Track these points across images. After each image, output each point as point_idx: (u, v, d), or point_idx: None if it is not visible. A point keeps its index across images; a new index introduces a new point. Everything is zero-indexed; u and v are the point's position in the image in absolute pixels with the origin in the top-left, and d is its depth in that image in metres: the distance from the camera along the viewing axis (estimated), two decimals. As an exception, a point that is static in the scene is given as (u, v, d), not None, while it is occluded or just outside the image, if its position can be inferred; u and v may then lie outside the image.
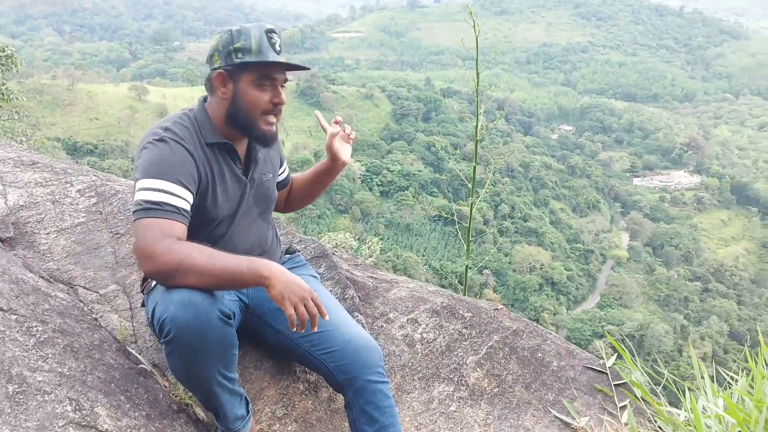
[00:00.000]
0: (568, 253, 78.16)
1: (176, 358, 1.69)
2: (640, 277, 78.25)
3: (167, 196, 1.73)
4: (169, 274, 1.62)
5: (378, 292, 2.65)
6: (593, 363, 2.64)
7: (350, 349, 1.96)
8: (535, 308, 67.68)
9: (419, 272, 60.42)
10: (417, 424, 2.27)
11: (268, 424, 2.11)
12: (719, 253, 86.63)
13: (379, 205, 76.61)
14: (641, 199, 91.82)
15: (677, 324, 69.84)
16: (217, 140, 1.92)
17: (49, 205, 2.60)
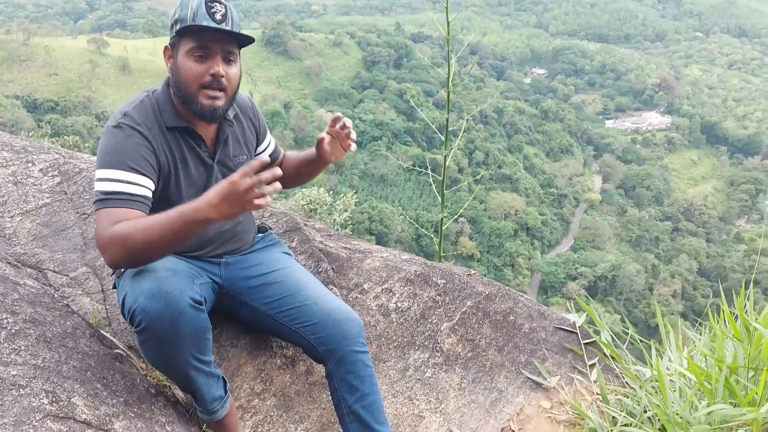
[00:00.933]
0: (542, 198, 79.06)
1: (149, 346, 1.70)
2: (612, 219, 79.67)
3: (122, 185, 1.72)
4: (125, 258, 1.62)
5: (352, 262, 2.66)
6: (564, 323, 2.71)
7: (330, 321, 1.99)
8: (510, 254, 68.81)
9: (395, 223, 60.68)
10: (394, 391, 2.33)
11: (247, 400, 2.15)
12: (689, 193, 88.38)
13: (352, 156, 76.05)
14: (613, 141, 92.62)
15: (648, 263, 71.66)
16: (176, 124, 1.87)
17: (12, 187, 2.54)
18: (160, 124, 1.85)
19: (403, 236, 61.05)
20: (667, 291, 68.21)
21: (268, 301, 2.06)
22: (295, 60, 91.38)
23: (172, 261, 1.83)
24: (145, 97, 1.88)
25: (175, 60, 1.85)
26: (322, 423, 2.18)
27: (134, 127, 1.79)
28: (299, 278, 2.11)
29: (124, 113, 1.81)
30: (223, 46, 1.84)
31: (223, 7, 1.86)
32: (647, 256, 73.36)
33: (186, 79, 1.83)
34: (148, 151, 1.79)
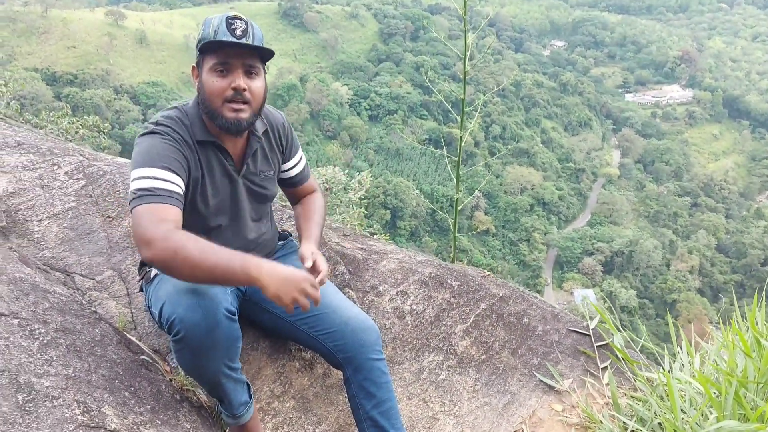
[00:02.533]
0: (559, 172, 78.42)
1: (184, 354, 1.78)
2: (630, 194, 78.96)
3: (157, 181, 1.78)
4: (166, 263, 1.66)
5: (368, 264, 2.71)
6: (577, 326, 2.75)
7: (348, 329, 2.06)
8: (526, 229, 68.59)
9: (410, 197, 60.63)
10: (408, 393, 2.40)
11: (267, 402, 2.23)
12: (709, 168, 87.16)
13: (367, 130, 75.90)
14: (633, 115, 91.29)
15: (666, 239, 71.10)
16: (205, 138, 1.93)
17: (39, 191, 2.61)
18: (191, 136, 1.91)
19: (418, 210, 61.08)
20: (684, 267, 67.81)
21: (288, 308, 2.12)
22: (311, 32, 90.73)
23: None
24: (175, 110, 1.95)
25: (200, 77, 1.91)
26: (339, 425, 2.26)
27: (167, 133, 1.87)
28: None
29: (156, 122, 1.89)
30: (243, 60, 1.89)
31: (243, 23, 1.89)
32: (665, 232, 72.76)
33: (210, 95, 1.89)
34: (181, 155, 1.86)
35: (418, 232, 64.85)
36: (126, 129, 64.29)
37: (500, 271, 63.82)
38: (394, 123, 74.84)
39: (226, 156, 2.00)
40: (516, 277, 63.94)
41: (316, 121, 75.45)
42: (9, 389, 1.64)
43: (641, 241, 66.69)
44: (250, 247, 2.14)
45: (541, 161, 76.79)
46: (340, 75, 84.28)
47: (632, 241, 66.87)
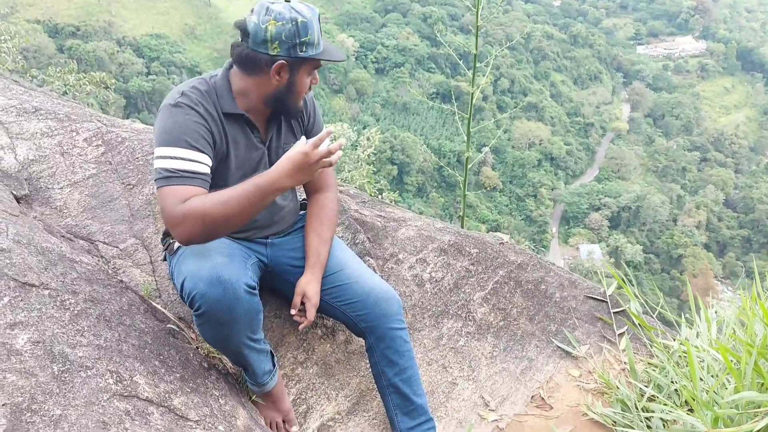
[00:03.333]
0: (567, 127, 77.68)
1: (207, 328, 1.82)
2: (639, 148, 78.33)
3: (183, 162, 1.78)
4: (200, 235, 1.71)
5: (387, 232, 2.73)
6: (594, 292, 2.77)
7: (370, 300, 2.09)
8: (534, 184, 68.41)
9: (417, 153, 60.36)
10: (428, 359, 2.44)
11: (291, 369, 2.28)
12: (720, 122, 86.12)
13: (374, 83, 75.02)
14: (644, 68, 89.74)
15: (674, 194, 70.85)
16: (232, 111, 1.93)
17: (59, 158, 2.61)
18: (217, 109, 1.90)
19: (425, 166, 60.91)
20: (691, 222, 67.79)
21: (311, 279, 2.15)
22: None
23: (226, 244, 1.92)
24: (202, 80, 1.94)
25: (293, 76, 1.90)
26: (361, 390, 2.31)
27: (192, 107, 1.85)
28: (340, 258, 2.19)
29: (182, 93, 1.87)
30: None
31: None
32: (673, 187, 72.48)
33: (299, 94, 1.96)
34: (206, 130, 1.85)
35: (425, 187, 64.80)
36: (130, 83, 63.80)
37: (507, 227, 63.98)
38: (401, 76, 73.92)
39: (252, 128, 2.00)
40: (522, 233, 64.14)
41: (322, 75, 74.22)
42: (45, 360, 1.68)
43: (648, 197, 66.51)
44: (273, 218, 2.15)
45: (550, 115, 75.98)
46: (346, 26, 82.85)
47: (639, 197, 66.71)
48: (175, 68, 70.68)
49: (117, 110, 50.28)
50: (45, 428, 1.52)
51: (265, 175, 1.71)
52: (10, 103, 2.79)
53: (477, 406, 2.36)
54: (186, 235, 1.70)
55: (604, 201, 67.86)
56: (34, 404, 1.55)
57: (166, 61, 70.67)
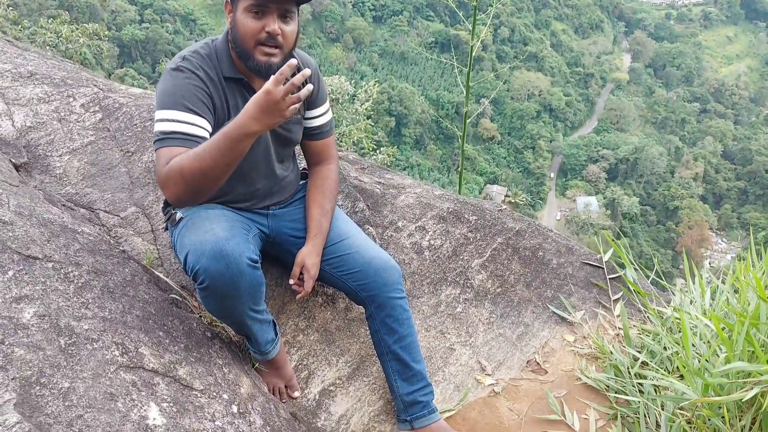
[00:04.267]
0: (567, 77, 76.78)
1: (210, 301, 1.85)
2: (639, 99, 77.68)
3: (180, 125, 1.79)
4: (185, 193, 1.73)
5: (386, 199, 2.74)
6: (590, 258, 2.80)
7: (371, 269, 2.12)
8: (532, 136, 68.07)
9: (415, 104, 59.74)
10: (427, 326, 2.49)
11: (293, 336, 2.32)
12: (721, 72, 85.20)
13: (372, 32, 73.62)
14: (646, 17, 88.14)
15: (672, 146, 70.69)
16: (233, 75, 1.92)
17: (57, 124, 2.59)
18: (218, 73, 1.90)
19: (423, 118, 60.42)
20: (688, 174, 67.89)
21: (312, 250, 2.17)
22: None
23: (228, 216, 1.93)
24: (204, 44, 1.93)
25: (234, 15, 1.87)
26: (361, 356, 2.36)
27: (192, 71, 1.85)
28: (342, 228, 2.21)
29: (183, 57, 1.87)
30: (279, 5, 1.84)
31: None
32: (672, 139, 72.26)
33: (243, 36, 1.86)
34: (205, 94, 1.85)
35: (423, 139, 64.43)
36: (123, 31, 62.54)
37: (505, 179, 63.97)
38: (399, 25, 72.52)
39: (251, 94, 1.98)
40: (520, 185, 64.21)
41: (318, 23, 73.07)
42: (51, 333, 1.71)
43: (647, 148, 66.40)
44: (273, 188, 2.15)
45: (550, 66, 74.98)
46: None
47: (638, 148, 66.59)
48: (169, 16, 69.24)
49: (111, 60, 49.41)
50: (54, 401, 1.56)
51: (233, 122, 1.66)
52: (5, 68, 2.75)
53: (474, 371, 2.42)
54: (172, 195, 1.73)
55: (602, 153, 67.73)
56: (43, 377, 1.59)
57: (159, 8, 69.18)
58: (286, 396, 2.20)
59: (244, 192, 2.11)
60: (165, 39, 65.10)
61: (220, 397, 1.88)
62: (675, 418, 2.07)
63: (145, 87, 43.21)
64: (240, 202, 2.12)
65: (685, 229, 60.55)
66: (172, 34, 67.06)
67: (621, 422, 2.21)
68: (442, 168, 64.12)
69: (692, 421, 2.07)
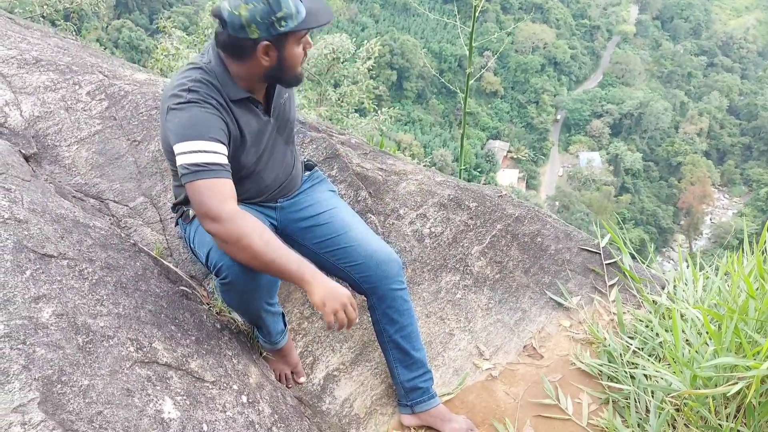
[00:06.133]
0: (573, 30, 75.37)
1: (230, 295, 1.96)
2: (645, 53, 76.40)
3: (208, 155, 1.81)
4: (228, 243, 1.76)
5: (388, 186, 2.79)
6: (588, 244, 2.87)
7: (373, 262, 2.19)
8: (536, 90, 67.25)
9: (417, 57, 58.82)
10: (427, 312, 2.58)
11: (298, 323, 2.42)
12: (730, 25, 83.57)
13: (375, -18, 71.92)
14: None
15: (677, 101, 69.91)
16: (239, 96, 1.94)
17: (64, 113, 2.62)
18: (225, 98, 1.90)
19: (425, 71, 59.64)
20: (692, 129, 67.37)
21: (318, 241, 2.25)
22: None
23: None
24: (200, 71, 1.90)
25: (281, 52, 1.87)
26: (363, 342, 2.46)
27: (205, 101, 1.85)
28: (345, 220, 2.27)
29: (188, 89, 1.84)
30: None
31: None
32: (677, 93, 71.43)
33: (294, 65, 1.92)
34: (221, 122, 1.87)
35: (425, 93, 63.75)
36: (119, -19, 61.17)
37: (507, 134, 63.55)
38: (401, -25, 70.79)
39: (257, 104, 2.02)
40: (522, 140, 63.84)
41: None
42: (69, 332, 1.80)
43: (652, 103, 65.71)
44: (282, 182, 2.21)
45: (555, 17, 73.50)
46: None
47: (642, 103, 65.90)
48: (166, -35, 67.55)
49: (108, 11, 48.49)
50: (75, 398, 1.65)
51: (309, 271, 1.77)
52: (10, 54, 2.77)
53: (472, 356, 2.52)
54: (217, 233, 1.75)
55: (606, 108, 67.07)
56: (63, 376, 1.68)
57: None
58: (292, 381, 2.30)
59: (257, 189, 2.17)
60: (163, -11, 63.78)
61: (230, 388, 1.98)
62: (664, 405, 2.17)
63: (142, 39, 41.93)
64: (252, 199, 2.18)
65: (688, 185, 60.52)
66: (170, -16, 65.65)
67: (612, 407, 2.31)
68: (444, 123, 63.65)
69: (681, 408, 2.17)
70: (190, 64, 1.94)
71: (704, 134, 67.84)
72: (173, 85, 1.87)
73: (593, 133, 66.24)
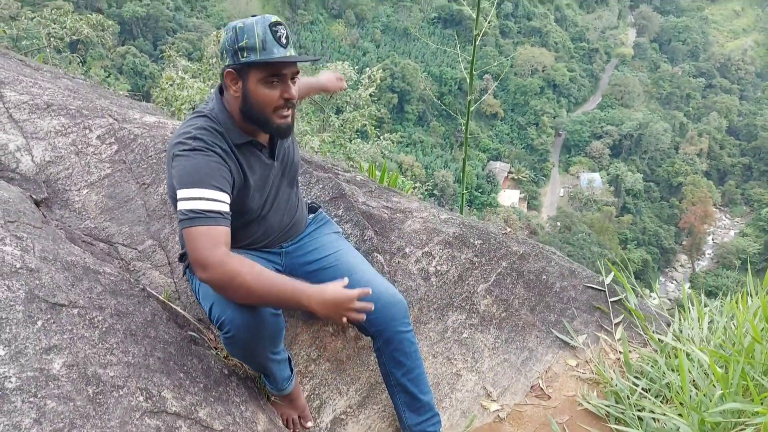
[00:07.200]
0: (571, 53, 76.05)
1: (234, 348, 1.96)
2: (643, 75, 76.95)
3: (208, 203, 1.83)
4: (222, 287, 1.79)
5: (393, 224, 2.81)
6: (593, 282, 2.88)
7: (379, 305, 2.20)
8: (535, 112, 67.62)
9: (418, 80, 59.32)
10: (434, 352, 2.58)
11: (305, 366, 2.42)
12: (727, 47, 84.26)
13: (374, 7, 72.85)
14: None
15: (676, 122, 70.21)
16: (242, 140, 1.97)
17: (74, 158, 2.66)
18: (228, 143, 1.94)
19: (426, 94, 60.07)
20: (692, 150, 67.58)
21: (324, 285, 2.26)
22: None
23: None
24: (205, 120, 1.95)
25: (245, 86, 1.91)
26: (371, 383, 2.46)
27: (209, 148, 1.89)
28: (350, 262, 2.29)
29: (194, 137, 1.88)
30: (291, 70, 1.91)
31: (284, 27, 1.89)
32: (676, 114, 71.80)
33: (261, 106, 1.92)
34: (225, 170, 1.90)
35: (426, 116, 64.14)
36: (124, 8, 62.02)
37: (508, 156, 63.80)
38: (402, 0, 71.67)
39: (260, 148, 2.05)
40: (523, 161, 64.04)
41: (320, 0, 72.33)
42: (80, 383, 1.80)
43: (651, 124, 66.03)
44: (287, 227, 2.24)
45: (554, 41, 74.23)
46: (345, -54, 79.58)
47: (642, 124, 66.23)
48: (169, -8, 68.53)
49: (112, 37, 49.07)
50: (86, 451, 1.66)
51: (305, 289, 1.79)
52: (22, 99, 2.81)
53: (479, 397, 2.52)
54: (206, 278, 1.77)
55: (606, 129, 67.40)
56: (74, 429, 1.68)
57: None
58: (299, 426, 2.30)
59: (262, 233, 2.19)
60: (166, 16, 64.61)
61: (239, 436, 1.99)
62: (672, 449, 2.16)
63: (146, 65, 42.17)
64: (256, 243, 2.20)
65: (689, 206, 60.54)
66: (173, 11, 66.52)
67: (620, 450, 2.30)
68: (445, 144, 63.95)
69: (689, 451, 2.16)
70: (195, 112, 2.00)
71: (704, 155, 68.04)
72: (179, 132, 1.92)
73: (593, 154, 66.48)
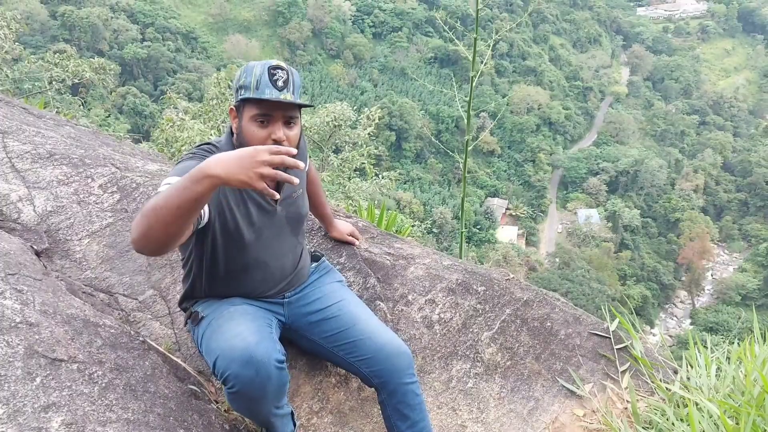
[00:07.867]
0: (566, 91, 77.13)
1: (238, 403, 1.92)
2: (638, 112, 77.93)
3: None
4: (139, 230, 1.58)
5: (396, 270, 2.79)
6: (597, 328, 2.85)
7: (382, 356, 2.17)
8: (532, 149, 68.22)
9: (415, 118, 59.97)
10: (438, 403, 2.53)
11: (307, 419, 2.37)
12: (719, 85, 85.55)
13: (372, 48, 74.13)
14: (644, 30, 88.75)
15: (672, 158, 70.79)
16: None
17: (76, 207, 2.66)
18: None
19: (424, 132, 60.66)
20: (689, 186, 67.94)
21: (326, 335, 2.24)
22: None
23: (251, 314, 2.00)
24: (209, 145, 2.03)
25: (240, 123, 1.98)
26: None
27: (202, 155, 1.94)
28: (353, 312, 2.27)
29: (194, 151, 1.99)
30: (284, 113, 1.93)
31: (285, 72, 1.92)
32: (671, 151, 72.43)
33: (249, 143, 1.93)
34: None
35: (424, 153, 64.65)
36: (125, 50, 62.98)
37: (505, 192, 64.10)
38: (398, 41, 73.01)
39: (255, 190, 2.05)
40: (521, 197, 64.32)
41: (319, 40, 73.59)
42: (78, 442, 1.76)
43: (647, 161, 66.55)
44: (289, 274, 2.22)
45: (549, 80, 75.36)
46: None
47: (638, 161, 66.74)
48: (170, 34, 69.74)
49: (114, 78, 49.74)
50: None
51: (202, 166, 1.56)
52: (25, 149, 2.82)
53: (486, 449, 2.46)
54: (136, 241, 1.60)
55: (602, 165, 67.89)
56: (72, 491, 1.64)
57: (160, 27, 69.72)
58: (302, 482, 2.24)
59: (261, 278, 2.17)
60: (167, 57, 65.57)
61: (240, 495, 1.93)
62: (684, 504, 2.11)
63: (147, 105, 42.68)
64: (257, 290, 2.18)
65: (687, 241, 60.56)
66: (174, 52, 67.54)
67: (631, 504, 2.25)
68: (443, 181, 64.28)
69: (701, 507, 2.11)
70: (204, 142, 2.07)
71: (700, 190, 68.40)
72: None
73: (590, 190, 66.83)
